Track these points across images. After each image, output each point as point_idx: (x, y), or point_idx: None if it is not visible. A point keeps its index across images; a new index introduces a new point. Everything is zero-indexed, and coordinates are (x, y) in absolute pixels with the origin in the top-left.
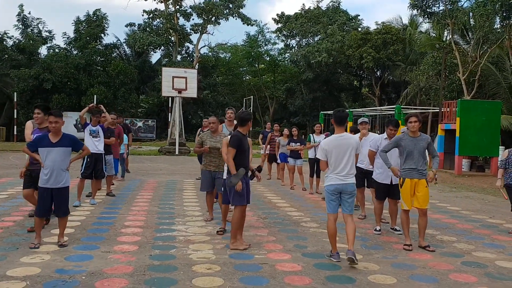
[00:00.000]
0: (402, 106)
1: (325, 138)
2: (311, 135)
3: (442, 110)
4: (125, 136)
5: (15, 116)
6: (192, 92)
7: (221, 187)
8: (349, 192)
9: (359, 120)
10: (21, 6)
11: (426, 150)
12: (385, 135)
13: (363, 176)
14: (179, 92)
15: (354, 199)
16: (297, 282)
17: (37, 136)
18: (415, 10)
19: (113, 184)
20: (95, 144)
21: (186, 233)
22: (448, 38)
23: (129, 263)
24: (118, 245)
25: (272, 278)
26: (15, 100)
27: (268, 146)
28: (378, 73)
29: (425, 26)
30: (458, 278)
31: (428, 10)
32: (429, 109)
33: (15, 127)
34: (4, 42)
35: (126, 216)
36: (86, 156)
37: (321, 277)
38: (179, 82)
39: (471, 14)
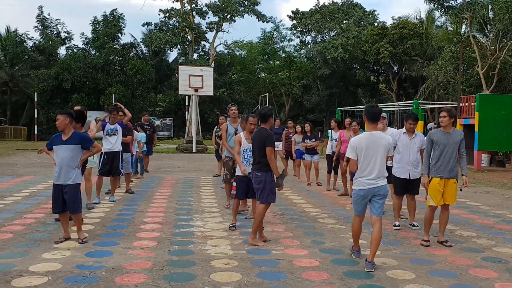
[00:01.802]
0: (420, 101)
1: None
2: (329, 131)
3: (461, 105)
4: (143, 134)
5: (36, 116)
6: (208, 90)
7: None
8: (381, 195)
9: None
10: (40, 7)
11: None
12: (403, 129)
13: None
14: (196, 90)
15: (385, 201)
16: (315, 278)
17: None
18: (432, 4)
19: (131, 182)
20: (111, 143)
21: (204, 229)
22: (466, 32)
23: (148, 259)
24: (137, 241)
25: (290, 273)
26: (35, 100)
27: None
28: (395, 68)
29: (442, 20)
30: (478, 273)
31: (445, 3)
32: (447, 104)
33: (35, 126)
34: (25, 43)
35: (145, 213)
36: (103, 154)
37: (339, 272)
38: (195, 80)
39: (490, 6)
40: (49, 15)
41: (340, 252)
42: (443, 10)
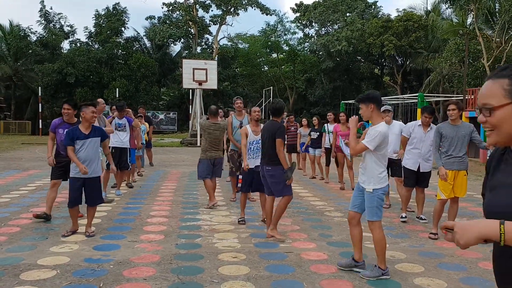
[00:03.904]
0: (424, 94)
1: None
2: (325, 125)
3: (466, 97)
4: (143, 126)
5: (40, 110)
6: (212, 83)
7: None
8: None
9: (382, 108)
10: (42, 1)
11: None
12: (419, 121)
13: (387, 165)
14: (200, 84)
15: None
16: (323, 271)
17: (69, 130)
18: None
19: (141, 175)
20: (120, 138)
21: (211, 222)
22: (471, 24)
23: (155, 252)
24: (144, 235)
25: (298, 266)
26: (39, 94)
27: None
28: (400, 61)
29: (447, 12)
30: (487, 266)
31: None
32: (453, 97)
33: (40, 121)
34: (28, 38)
35: (151, 206)
36: (111, 148)
37: None
38: (199, 74)
39: None
40: (51, 9)
41: (347, 245)
42: (449, 1)
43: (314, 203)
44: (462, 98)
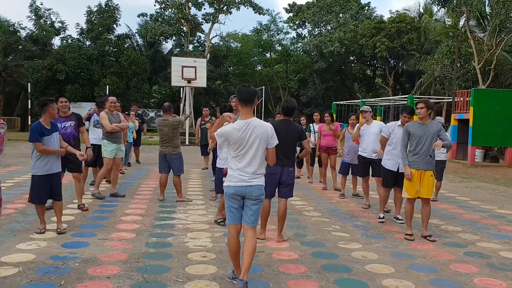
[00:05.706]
0: (415, 96)
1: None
2: (311, 124)
3: (456, 99)
4: (131, 124)
5: (29, 107)
6: (201, 81)
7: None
8: (254, 197)
9: (360, 109)
10: None
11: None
12: (399, 122)
13: (367, 165)
14: (189, 81)
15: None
16: (292, 271)
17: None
18: None
19: (123, 173)
20: (99, 135)
21: (186, 221)
22: (463, 27)
23: (124, 251)
24: (115, 233)
25: (267, 266)
26: (29, 91)
27: None
28: (392, 63)
29: (440, 14)
30: (458, 268)
31: None
32: (444, 98)
33: (29, 117)
34: (18, 33)
35: (128, 204)
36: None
37: (317, 265)
38: (188, 72)
39: (487, 1)
40: (41, 4)
41: (321, 245)
42: (440, 4)
43: (294, 202)
44: (451, 100)
